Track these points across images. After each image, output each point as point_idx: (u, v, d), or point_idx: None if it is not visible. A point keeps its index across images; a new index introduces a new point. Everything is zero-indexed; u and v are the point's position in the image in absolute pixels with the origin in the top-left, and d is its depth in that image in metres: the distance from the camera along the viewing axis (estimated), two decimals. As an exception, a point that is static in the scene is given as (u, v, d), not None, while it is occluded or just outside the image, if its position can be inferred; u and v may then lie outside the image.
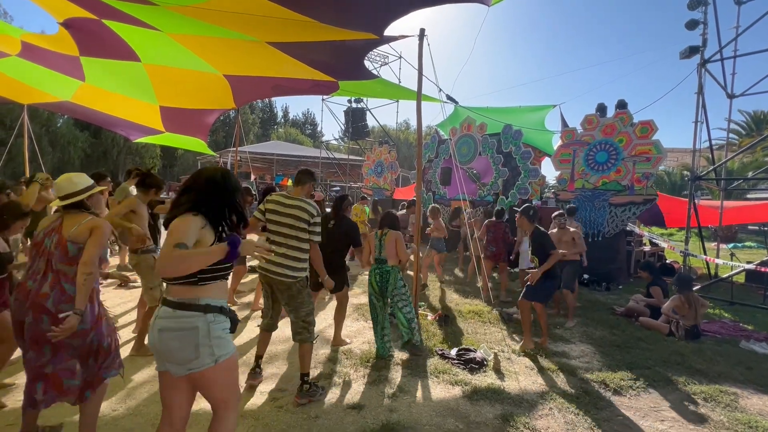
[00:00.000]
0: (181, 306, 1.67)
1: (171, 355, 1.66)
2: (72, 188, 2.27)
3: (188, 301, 1.68)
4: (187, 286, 1.70)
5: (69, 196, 2.24)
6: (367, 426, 2.66)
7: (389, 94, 9.12)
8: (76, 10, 4.33)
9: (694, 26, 6.90)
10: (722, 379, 3.69)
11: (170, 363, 1.67)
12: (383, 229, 3.94)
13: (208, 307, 1.69)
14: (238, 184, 1.89)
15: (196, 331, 1.65)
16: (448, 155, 11.25)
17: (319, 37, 4.33)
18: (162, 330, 1.66)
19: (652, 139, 7.37)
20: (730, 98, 8.03)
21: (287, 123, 52.97)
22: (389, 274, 3.83)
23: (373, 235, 3.95)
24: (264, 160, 22.56)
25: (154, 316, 1.72)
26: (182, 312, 1.67)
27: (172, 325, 1.66)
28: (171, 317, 1.67)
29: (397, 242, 3.86)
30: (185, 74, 5.90)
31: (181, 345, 1.64)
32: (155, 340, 1.68)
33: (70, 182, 2.28)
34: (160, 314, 1.69)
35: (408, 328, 3.88)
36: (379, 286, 3.84)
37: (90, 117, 8.42)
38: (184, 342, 1.64)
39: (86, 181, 2.33)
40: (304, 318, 3.01)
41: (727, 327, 5.32)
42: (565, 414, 2.96)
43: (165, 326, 1.66)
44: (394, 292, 3.86)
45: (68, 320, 2.01)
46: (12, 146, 11.48)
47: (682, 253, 7.18)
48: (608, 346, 4.39)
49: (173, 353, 1.65)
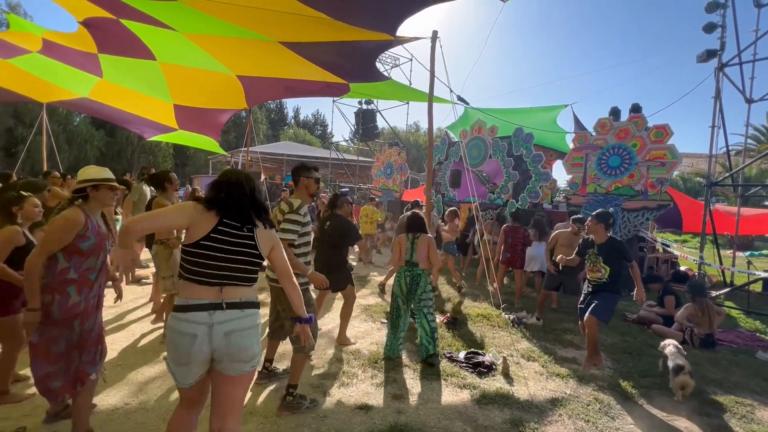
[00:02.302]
0: (249, 305, 1.77)
1: (241, 354, 1.70)
2: (82, 177, 2.29)
3: (252, 299, 1.80)
4: (248, 287, 1.81)
5: (78, 184, 2.28)
6: (375, 427, 2.66)
7: (400, 95, 9.13)
8: (95, 9, 4.42)
9: (712, 29, 6.78)
10: (738, 390, 3.61)
11: (237, 362, 1.70)
12: (415, 233, 3.90)
13: (259, 303, 1.86)
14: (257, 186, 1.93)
15: (259, 327, 1.80)
16: (457, 157, 11.20)
17: (332, 38, 4.35)
18: (230, 332, 1.67)
19: (666, 144, 7.25)
20: (749, 103, 7.87)
21: (297, 124, 53.29)
22: (420, 277, 3.79)
23: (404, 238, 3.91)
24: (274, 160, 22.72)
25: (200, 323, 1.65)
26: (250, 310, 1.76)
27: (243, 325, 1.71)
28: (240, 317, 1.72)
29: (430, 246, 3.84)
30: (199, 74, 5.98)
31: (251, 342, 1.73)
32: (218, 344, 1.66)
33: (85, 172, 2.31)
34: (220, 318, 1.67)
35: (431, 338, 3.74)
36: (408, 288, 3.79)
37: (106, 114, 8.59)
38: (253, 339, 1.75)
39: (100, 174, 2.31)
40: None
41: (744, 336, 5.20)
42: (575, 421, 2.92)
43: (235, 327, 1.69)
44: (422, 296, 3.79)
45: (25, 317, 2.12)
46: (31, 143, 11.76)
47: (696, 261, 7.04)
48: (620, 353, 4.32)
49: (244, 351, 1.70)
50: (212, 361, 1.72)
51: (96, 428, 2.44)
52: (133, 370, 3.26)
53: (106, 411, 2.67)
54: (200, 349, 1.64)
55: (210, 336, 1.64)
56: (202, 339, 1.63)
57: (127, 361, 3.42)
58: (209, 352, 1.66)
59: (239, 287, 1.76)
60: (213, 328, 1.64)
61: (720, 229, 8.06)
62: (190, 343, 1.63)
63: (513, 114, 11.39)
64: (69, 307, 2.15)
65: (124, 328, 4.21)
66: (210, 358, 1.69)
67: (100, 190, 2.29)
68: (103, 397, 2.82)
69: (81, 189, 2.27)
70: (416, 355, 3.89)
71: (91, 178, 2.28)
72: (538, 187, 9.20)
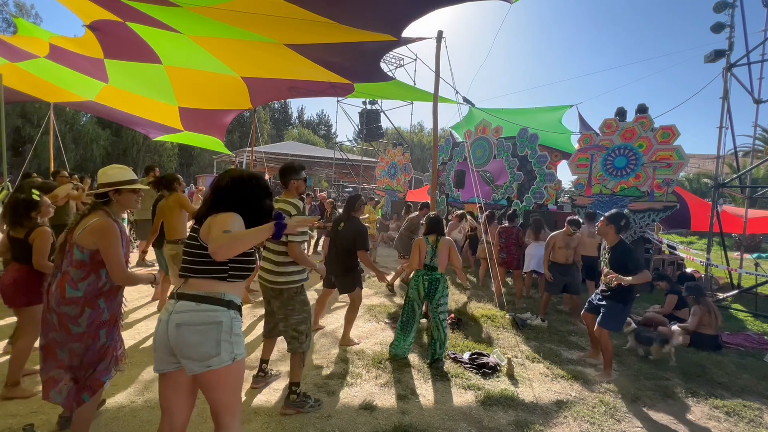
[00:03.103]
0: (207, 300, 1.65)
1: (189, 350, 1.60)
2: (102, 179, 2.18)
3: (214, 295, 1.67)
4: (215, 281, 1.70)
5: (99, 187, 2.17)
6: (379, 427, 2.66)
7: (404, 95, 9.13)
8: (101, 12, 4.46)
9: (720, 29, 6.73)
10: (746, 394, 3.57)
11: (186, 359, 1.61)
12: (435, 236, 3.85)
13: (232, 303, 1.70)
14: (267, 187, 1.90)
15: (220, 326, 1.64)
16: (462, 158, 11.18)
17: (337, 39, 4.36)
18: (181, 324, 1.61)
19: (673, 145, 7.20)
20: (757, 103, 7.79)
21: (302, 124, 53.42)
22: (438, 282, 3.74)
23: (424, 241, 3.85)
24: (278, 160, 22.80)
25: (167, 311, 1.66)
26: (207, 306, 1.64)
27: (194, 319, 1.62)
28: (193, 311, 1.63)
29: (451, 250, 3.80)
30: (204, 76, 6.02)
31: (202, 340, 1.60)
32: (170, 335, 1.62)
33: (105, 174, 2.20)
34: (177, 308, 1.64)
35: (443, 344, 3.74)
36: (426, 292, 3.73)
37: (112, 115, 8.66)
38: (206, 337, 1.61)
39: (122, 175, 2.21)
40: (296, 326, 2.83)
41: (751, 340, 5.14)
42: (580, 423, 2.91)
43: (186, 320, 1.61)
44: (440, 301, 3.74)
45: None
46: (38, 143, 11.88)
47: (703, 263, 6.98)
48: (625, 356, 4.29)
49: (193, 348, 1.60)
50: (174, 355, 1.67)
51: (102, 427, 2.46)
52: (139, 369, 3.29)
53: (112, 409, 2.69)
54: (160, 335, 1.66)
55: (167, 324, 1.64)
56: (162, 325, 1.66)
57: (133, 359, 3.44)
58: (167, 341, 1.64)
59: (200, 280, 1.69)
60: (170, 316, 1.64)
61: (727, 229, 7.99)
62: (156, 328, 1.70)
63: (518, 114, 11.36)
64: (95, 319, 2.11)
65: (130, 326, 4.24)
66: (170, 349, 1.65)
67: (123, 193, 2.20)
68: (110, 395, 2.84)
69: (104, 193, 2.18)
70: (420, 356, 3.88)
71: (114, 181, 2.18)
72: (542, 188, 9.17)
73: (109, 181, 2.18)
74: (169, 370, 1.70)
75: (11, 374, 2.75)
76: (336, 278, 4.09)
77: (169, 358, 1.68)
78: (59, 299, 2.06)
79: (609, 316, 3.66)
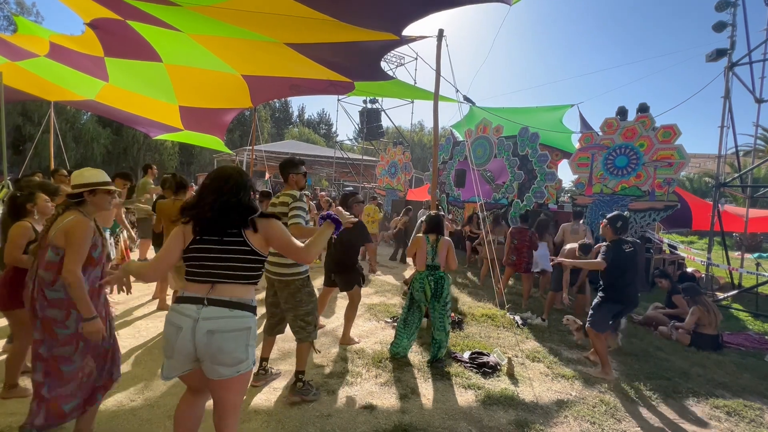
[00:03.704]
0: (240, 306, 1.67)
1: (223, 357, 1.60)
2: (77, 180, 2.20)
3: (245, 302, 1.70)
4: (246, 286, 1.72)
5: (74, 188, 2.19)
6: (379, 426, 2.65)
7: (405, 94, 9.11)
8: (102, 10, 4.45)
9: (722, 28, 6.71)
10: (746, 394, 3.56)
11: (218, 365, 1.61)
12: (435, 235, 3.82)
13: (255, 308, 1.76)
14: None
15: (248, 331, 1.68)
16: (462, 157, 11.17)
17: (338, 38, 4.35)
18: (213, 331, 1.60)
19: (674, 144, 7.18)
20: (759, 103, 7.77)
21: (302, 123, 53.39)
22: (443, 280, 3.72)
23: (424, 239, 3.81)
24: (279, 159, 22.77)
25: (189, 317, 1.62)
26: (240, 312, 1.66)
27: (229, 326, 1.62)
28: (227, 317, 1.63)
29: (449, 249, 3.78)
30: (204, 74, 6.01)
31: (235, 346, 1.62)
32: (200, 342, 1.59)
33: (80, 176, 2.22)
34: (207, 315, 1.61)
35: (445, 343, 3.76)
36: (433, 292, 3.68)
37: (113, 114, 8.66)
38: (238, 343, 1.64)
39: (97, 177, 2.24)
40: (303, 317, 2.91)
41: (752, 340, 5.13)
42: (581, 423, 2.90)
43: (219, 327, 1.61)
44: (447, 299, 3.73)
45: (86, 328, 2.04)
46: (38, 141, 11.87)
47: (704, 262, 6.96)
48: (625, 355, 4.28)
49: (227, 355, 1.61)
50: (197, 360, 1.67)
51: (101, 425, 2.46)
52: (139, 367, 3.28)
53: (111, 408, 2.68)
54: (183, 343, 1.61)
55: (194, 331, 1.60)
56: (186, 332, 1.61)
57: (132, 358, 3.44)
58: (192, 348, 1.61)
59: (233, 285, 1.69)
60: (198, 323, 1.60)
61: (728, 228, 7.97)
62: (174, 335, 1.62)
63: (518, 113, 11.33)
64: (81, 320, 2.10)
65: (128, 324, 4.24)
66: (195, 356, 1.64)
67: (97, 194, 2.22)
68: (108, 394, 2.83)
69: (78, 194, 2.19)
70: (420, 356, 3.88)
71: (89, 182, 2.20)
72: (543, 187, 9.15)
73: (84, 182, 2.21)
74: (181, 374, 1.70)
75: (8, 377, 2.73)
76: (336, 276, 4.08)
77: (187, 364, 1.67)
78: (43, 305, 2.07)
79: (591, 314, 3.78)
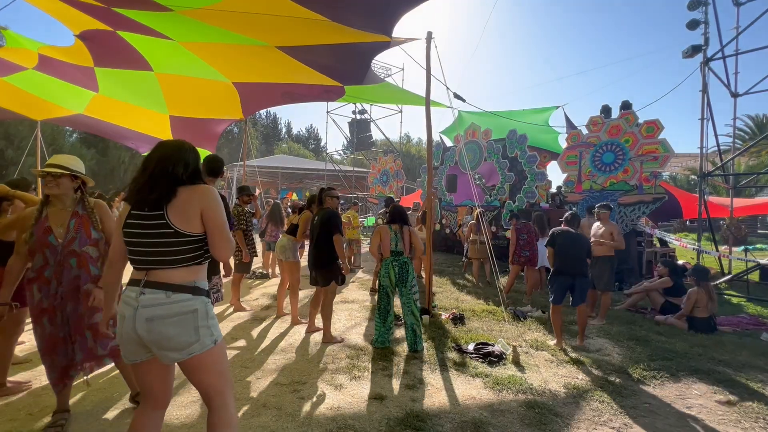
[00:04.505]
0: (180, 289, 1.58)
1: (167, 342, 1.54)
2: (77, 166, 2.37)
3: (187, 284, 1.60)
4: (190, 268, 1.62)
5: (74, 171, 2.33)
6: (391, 414, 2.62)
7: (395, 99, 9.24)
8: (91, 22, 4.46)
9: (695, 26, 7.01)
10: (747, 369, 3.62)
11: (166, 351, 1.55)
12: (399, 225, 3.99)
13: (201, 290, 1.64)
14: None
15: (196, 313, 1.58)
16: (453, 162, 11.31)
17: (329, 40, 4.42)
18: (152, 319, 1.53)
19: (658, 138, 7.40)
20: (734, 97, 8.09)
21: (291, 138, 53.53)
22: (407, 265, 3.90)
23: (387, 228, 3.99)
24: (269, 174, 22.76)
25: (129, 305, 1.56)
26: (180, 296, 1.57)
27: (167, 312, 1.54)
28: (165, 303, 1.55)
29: (412, 234, 4.00)
30: (195, 83, 6.03)
31: (179, 330, 1.55)
32: (141, 330, 1.53)
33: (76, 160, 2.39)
34: (145, 302, 1.54)
35: (419, 327, 3.86)
36: (398, 277, 3.85)
37: (101, 129, 8.59)
38: (183, 326, 1.56)
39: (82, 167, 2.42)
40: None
41: (747, 321, 5.23)
42: (589, 402, 2.91)
43: (157, 314, 1.53)
44: (412, 282, 3.89)
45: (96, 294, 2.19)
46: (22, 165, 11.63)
47: (695, 249, 7.11)
48: (627, 340, 4.32)
49: (171, 340, 1.54)
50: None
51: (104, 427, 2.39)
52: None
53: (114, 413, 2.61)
54: (127, 331, 1.56)
55: (134, 319, 1.54)
56: (128, 322, 1.55)
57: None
58: (136, 335, 1.55)
59: (170, 270, 1.58)
60: (137, 311, 1.54)
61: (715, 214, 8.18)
62: (120, 323, 1.60)
63: (506, 117, 11.56)
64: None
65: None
66: (141, 342, 1.57)
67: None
68: (111, 396, 2.76)
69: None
70: (426, 349, 3.86)
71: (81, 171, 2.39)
72: (534, 188, 9.30)
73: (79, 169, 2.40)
74: (144, 359, 1.63)
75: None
76: (316, 271, 4.09)
77: (142, 350, 1.61)
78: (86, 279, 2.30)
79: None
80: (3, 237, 2.69)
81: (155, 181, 1.61)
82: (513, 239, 5.98)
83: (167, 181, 1.62)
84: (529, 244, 5.92)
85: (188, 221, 1.60)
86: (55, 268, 2.25)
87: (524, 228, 5.98)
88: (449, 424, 2.53)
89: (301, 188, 27.26)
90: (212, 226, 1.63)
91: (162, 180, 1.61)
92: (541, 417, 2.66)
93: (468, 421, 2.57)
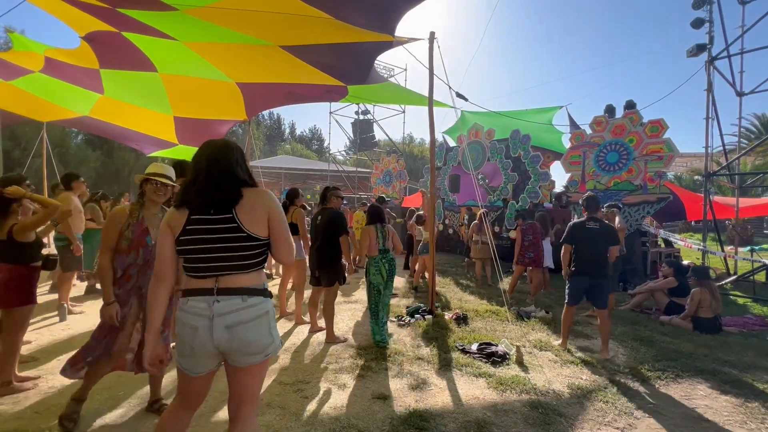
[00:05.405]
0: (254, 292, 1.58)
1: (247, 347, 1.53)
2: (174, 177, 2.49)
3: (258, 287, 1.61)
4: (257, 273, 1.62)
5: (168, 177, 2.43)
6: (394, 414, 2.63)
7: (398, 99, 9.25)
8: (96, 23, 4.50)
9: (700, 25, 6.97)
10: (753, 370, 3.60)
11: (247, 355, 1.54)
12: (381, 224, 4.13)
13: (269, 291, 1.66)
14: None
15: (268, 315, 1.60)
16: (455, 162, 11.30)
17: (332, 39, 4.44)
18: (232, 326, 1.51)
19: (663, 138, 7.36)
20: (740, 96, 8.03)
21: (294, 139, 53.69)
22: (393, 261, 4.10)
23: (373, 228, 4.09)
24: (273, 174, 22.82)
25: (202, 316, 1.51)
26: (255, 299, 1.57)
27: (246, 317, 1.53)
28: (243, 308, 1.54)
29: (393, 234, 4.21)
30: (199, 83, 6.06)
31: (257, 334, 1.55)
32: (220, 338, 1.50)
33: (172, 171, 2.51)
34: (221, 309, 1.51)
35: (385, 322, 4.04)
36: (388, 273, 4.00)
37: (106, 131, 8.65)
38: (260, 329, 1.56)
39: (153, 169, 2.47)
40: None
41: (752, 322, 5.19)
42: (594, 402, 2.90)
43: (237, 320, 1.52)
44: (392, 279, 4.09)
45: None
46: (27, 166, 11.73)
47: (700, 249, 7.07)
48: (632, 341, 4.30)
49: (251, 345, 1.53)
50: (221, 354, 1.58)
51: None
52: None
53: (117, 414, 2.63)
54: (202, 343, 1.51)
55: (211, 329, 1.50)
56: (203, 332, 1.51)
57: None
58: (213, 345, 1.51)
59: (243, 275, 1.57)
60: (213, 320, 1.50)
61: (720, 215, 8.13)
62: (191, 336, 1.53)
63: (509, 117, 11.54)
64: None
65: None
66: (216, 352, 1.54)
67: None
68: (114, 397, 2.78)
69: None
70: (429, 350, 3.86)
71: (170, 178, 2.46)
72: (537, 187, 9.27)
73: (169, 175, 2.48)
74: (210, 371, 1.61)
75: (3, 374, 2.72)
76: (319, 272, 4.12)
77: (213, 361, 1.59)
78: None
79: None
80: (20, 238, 2.72)
81: (217, 182, 1.57)
82: (518, 240, 5.96)
83: (231, 181, 1.59)
84: (534, 245, 5.90)
85: (257, 225, 1.58)
86: (141, 267, 2.37)
87: (530, 228, 5.96)
88: (453, 424, 2.53)
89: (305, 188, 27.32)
90: (278, 230, 1.62)
91: (225, 181, 1.58)
92: (544, 417, 2.66)
93: (471, 421, 2.57)
